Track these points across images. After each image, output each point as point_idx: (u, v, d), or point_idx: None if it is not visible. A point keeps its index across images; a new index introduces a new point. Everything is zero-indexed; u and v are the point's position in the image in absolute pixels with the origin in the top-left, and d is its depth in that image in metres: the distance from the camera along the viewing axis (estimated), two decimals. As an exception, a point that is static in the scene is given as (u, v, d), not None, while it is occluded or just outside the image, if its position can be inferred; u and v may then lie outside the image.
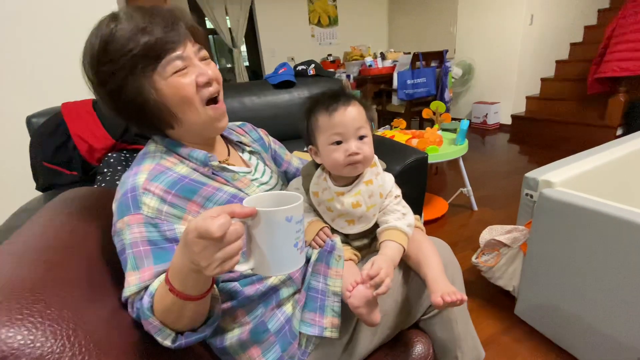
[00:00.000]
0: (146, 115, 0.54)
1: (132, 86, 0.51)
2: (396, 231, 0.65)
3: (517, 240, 1.12)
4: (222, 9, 4.42)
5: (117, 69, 0.50)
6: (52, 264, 0.46)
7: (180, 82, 0.52)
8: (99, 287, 0.49)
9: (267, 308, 0.61)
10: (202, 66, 0.54)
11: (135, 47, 0.48)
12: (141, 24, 0.49)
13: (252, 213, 0.40)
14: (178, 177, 0.56)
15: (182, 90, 0.53)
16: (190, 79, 0.53)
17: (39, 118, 1.26)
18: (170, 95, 0.53)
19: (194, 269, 0.40)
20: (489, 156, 3.04)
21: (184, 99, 0.53)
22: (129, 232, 0.50)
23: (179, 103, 0.54)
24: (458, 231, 1.82)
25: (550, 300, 1.05)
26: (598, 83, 2.93)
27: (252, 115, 1.48)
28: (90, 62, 0.51)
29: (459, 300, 0.54)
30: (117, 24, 0.49)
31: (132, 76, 0.50)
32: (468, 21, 3.96)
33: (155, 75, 0.51)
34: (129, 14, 0.50)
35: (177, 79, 0.52)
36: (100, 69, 0.50)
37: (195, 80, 0.53)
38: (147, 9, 0.51)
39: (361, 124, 0.63)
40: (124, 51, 0.48)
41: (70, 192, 0.68)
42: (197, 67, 0.54)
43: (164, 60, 0.51)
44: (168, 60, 0.51)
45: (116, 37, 0.48)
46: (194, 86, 0.53)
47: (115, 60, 0.49)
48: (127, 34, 0.48)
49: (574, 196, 0.94)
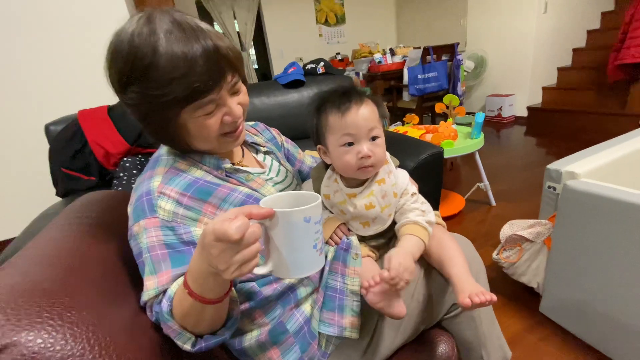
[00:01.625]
0: (161, 135, 0.55)
1: (157, 114, 0.51)
2: (415, 225, 0.62)
3: (541, 235, 1.08)
4: (230, 13, 4.46)
5: (144, 101, 0.49)
6: (71, 267, 0.46)
7: (206, 122, 0.52)
8: (117, 290, 0.49)
9: (286, 308, 0.60)
10: (232, 105, 0.54)
11: (169, 94, 0.47)
12: (181, 69, 0.46)
13: (269, 214, 0.39)
14: (193, 180, 0.56)
15: (206, 130, 0.53)
16: (217, 118, 0.53)
17: (56, 125, 1.29)
18: (192, 130, 0.53)
19: (212, 272, 0.40)
20: (505, 150, 2.96)
21: (206, 136, 0.54)
22: (145, 236, 0.50)
23: (197, 136, 0.54)
24: (476, 227, 1.78)
25: (577, 296, 1.01)
26: (619, 70, 2.81)
27: (262, 115, 1.47)
28: (119, 78, 0.49)
29: (488, 300, 0.51)
30: (156, 58, 0.46)
31: (159, 111, 0.50)
32: (478, 13, 3.87)
33: (183, 112, 0.51)
34: (170, 51, 0.46)
35: (204, 119, 0.52)
36: (129, 89, 0.49)
37: (221, 119, 0.54)
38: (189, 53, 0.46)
39: (374, 124, 0.60)
40: (162, 92, 0.47)
41: (87, 196, 0.68)
42: (227, 106, 0.53)
43: (195, 103, 0.50)
44: (200, 104, 0.50)
45: (152, 73, 0.46)
46: (218, 124, 0.54)
47: (145, 93, 0.48)
48: (166, 76, 0.46)
49: (601, 187, 0.90)
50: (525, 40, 3.49)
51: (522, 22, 3.46)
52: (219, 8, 4.37)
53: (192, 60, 0.47)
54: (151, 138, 0.57)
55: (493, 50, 3.80)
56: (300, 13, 4.71)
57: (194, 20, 0.50)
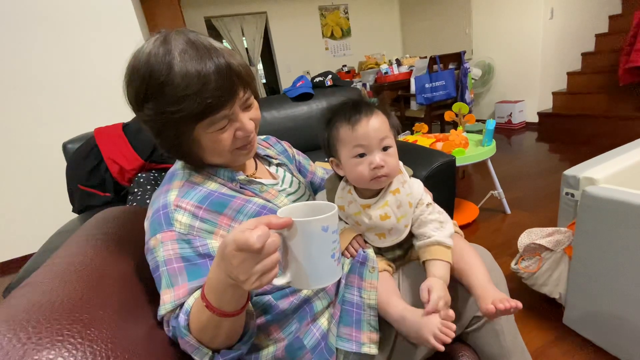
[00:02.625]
0: (176, 150, 0.56)
1: (171, 130, 0.52)
2: (440, 247, 0.61)
3: (561, 243, 1.05)
4: (238, 30, 4.58)
5: (159, 119, 0.50)
6: (90, 283, 0.46)
7: (219, 137, 0.53)
8: (135, 306, 0.49)
9: (302, 323, 0.59)
10: (244, 120, 0.54)
11: (183, 110, 0.48)
12: (195, 86, 0.47)
13: (288, 224, 0.39)
14: (208, 192, 0.56)
15: (219, 144, 0.54)
16: (229, 133, 0.54)
17: (74, 144, 1.33)
18: (205, 145, 0.54)
19: (231, 284, 0.40)
20: (517, 156, 2.91)
21: (219, 150, 0.55)
22: (162, 249, 0.50)
23: (211, 152, 0.56)
24: (492, 236, 1.74)
25: (603, 306, 0.97)
26: (630, 73, 2.77)
27: (272, 128, 1.49)
28: (136, 95, 0.50)
29: (512, 307, 0.50)
30: (171, 75, 0.47)
31: (173, 124, 0.51)
32: (483, 21, 3.89)
33: (197, 128, 0.52)
34: (184, 69, 0.47)
35: (217, 134, 0.53)
36: (145, 105, 0.50)
37: (234, 134, 0.54)
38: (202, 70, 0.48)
39: (385, 134, 0.60)
40: (176, 109, 0.48)
41: (104, 212, 0.69)
42: (239, 122, 0.54)
43: (208, 119, 0.51)
44: (213, 120, 0.51)
45: (167, 90, 0.48)
46: (231, 139, 0.54)
47: (159, 111, 0.49)
48: (180, 92, 0.47)
49: (622, 192, 0.87)
50: (532, 46, 3.47)
51: (529, 29, 3.45)
52: (227, 26, 4.50)
53: (206, 77, 0.48)
54: (166, 153, 0.58)
55: (500, 57, 3.79)
56: (307, 28, 4.81)
57: (207, 39, 0.52)
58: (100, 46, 1.97)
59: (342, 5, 4.94)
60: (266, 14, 4.59)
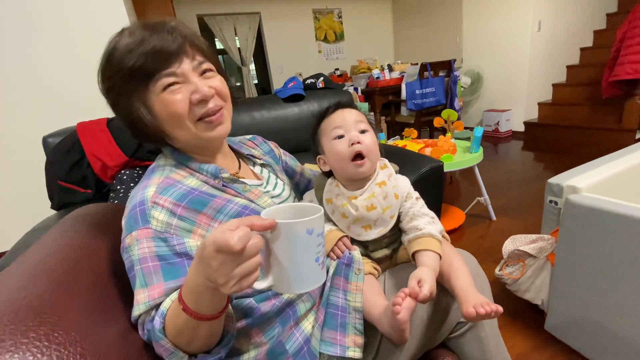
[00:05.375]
0: (139, 130, 0.54)
1: (124, 103, 0.52)
2: (432, 239, 0.62)
3: (544, 250, 1.06)
4: (231, 29, 4.55)
5: (112, 86, 0.51)
6: (61, 284, 0.44)
7: (171, 99, 0.50)
8: (109, 308, 0.47)
9: (285, 327, 0.57)
10: (198, 83, 0.52)
11: (127, 64, 0.48)
12: (138, 40, 0.48)
13: (271, 225, 0.38)
14: (188, 190, 0.55)
15: (171, 106, 0.50)
16: (183, 96, 0.51)
17: (55, 138, 1.28)
18: (160, 112, 0.52)
19: (210, 287, 0.38)
20: (504, 164, 2.97)
21: (173, 115, 0.51)
22: (137, 248, 0.49)
23: (167, 119, 0.52)
24: (477, 242, 1.76)
25: (584, 314, 0.98)
26: (613, 86, 2.86)
27: (262, 129, 1.47)
28: (98, 74, 0.52)
29: (493, 311, 0.50)
30: (120, 39, 0.49)
31: (124, 94, 0.51)
32: (473, 30, 3.97)
33: (148, 92, 0.51)
34: (132, 29, 0.50)
35: (168, 95, 0.50)
36: (103, 85, 0.52)
37: (189, 98, 0.51)
38: (150, 24, 0.50)
39: (361, 119, 0.67)
40: (118, 68, 0.49)
41: (81, 210, 0.67)
42: (193, 84, 0.51)
43: (152, 80, 0.50)
44: (158, 77, 0.50)
45: (114, 53, 0.49)
46: (186, 103, 0.51)
47: (111, 77, 0.50)
48: (124, 49, 0.48)
49: (604, 201, 0.89)
50: (520, 57, 3.56)
51: (517, 40, 3.54)
52: (220, 24, 4.46)
53: (147, 35, 0.49)
54: (140, 139, 0.57)
55: (489, 67, 3.87)
56: (300, 30, 4.81)
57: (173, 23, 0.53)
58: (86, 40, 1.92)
59: (336, 9, 4.96)
60: (260, 15, 4.57)
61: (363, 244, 0.71)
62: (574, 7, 3.54)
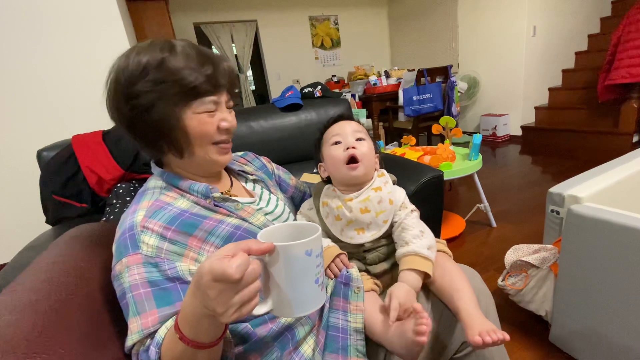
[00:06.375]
0: (164, 137, 0.54)
1: (162, 108, 0.52)
2: (416, 258, 0.62)
3: (547, 261, 1.05)
4: (228, 37, 4.56)
5: (156, 89, 0.50)
6: (51, 317, 0.42)
7: (206, 120, 0.55)
8: (102, 337, 0.45)
9: (284, 352, 0.56)
10: (227, 114, 0.58)
11: (188, 78, 0.51)
12: (194, 64, 0.52)
13: (269, 249, 0.37)
14: (178, 212, 0.54)
15: (206, 126, 0.55)
16: (215, 120, 0.56)
17: (49, 151, 1.26)
18: (193, 127, 0.54)
19: (208, 314, 0.37)
20: (502, 169, 2.97)
21: (204, 134, 0.55)
22: (128, 275, 0.47)
23: (197, 135, 0.55)
24: (478, 249, 1.74)
25: (589, 325, 0.97)
26: (608, 90, 2.88)
27: (260, 138, 1.46)
28: (132, 74, 0.50)
29: (500, 340, 0.49)
30: (173, 55, 0.51)
31: (164, 101, 0.51)
32: (469, 36, 4.00)
33: (186, 108, 0.53)
34: (186, 50, 0.53)
35: (205, 116, 0.55)
36: (139, 82, 0.50)
37: (218, 124, 0.56)
38: (203, 51, 0.55)
39: (359, 129, 0.72)
40: (175, 78, 0.51)
41: (75, 230, 0.65)
42: (224, 114, 0.58)
43: (199, 99, 0.53)
44: (204, 101, 0.54)
45: (169, 63, 0.51)
46: (215, 127, 0.56)
47: (158, 81, 0.50)
48: (180, 65, 0.51)
49: (606, 212, 0.88)
50: (515, 62, 3.58)
51: (512, 46, 3.57)
52: (217, 32, 4.47)
53: (204, 57, 0.54)
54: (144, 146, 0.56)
55: (485, 71, 3.89)
56: (297, 37, 4.83)
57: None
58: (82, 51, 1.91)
59: (332, 16, 4.99)
60: (256, 22, 4.59)
61: (360, 259, 0.70)
62: (568, 11, 3.57)
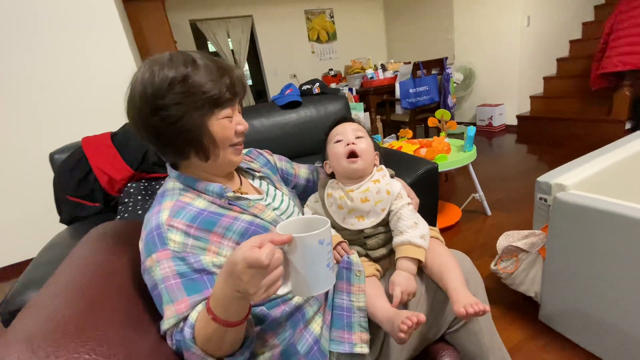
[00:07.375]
0: (192, 144, 0.60)
1: (191, 119, 0.58)
2: (410, 246, 0.69)
3: (535, 245, 1.12)
4: (224, 33, 4.56)
5: (184, 101, 0.56)
6: (95, 301, 0.49)
7: (228, 125, 0.62)
8: (139, 322, 0.52)
9: (296, 330, 0.63)
10: (240, 117, 0.65)
11: (208, 92, 0.57)
12: (214, 76, 0.58)
13: (289, 240, 0.44)
14: (198, 211, 0.60)
15: (227, 130, 0.62)
16: (233, 124, 0.63)
17: (61, 154, 1.32)
18: (216, 132, 0.61)
19: (237, 297, 0.44)
20: (498, 158, 3.03)
21: (226, 137, 0.62)
22: (159, 268, 0.53)
23: (220, 139, 0.61)
24: (474, 237, 1.82)
25: (575, 304, 1.04)
26: (601, 79, 2.93)
27: (261, 136, 1.52)
28: (160, 87, 0.55)
29: (481, 310, 0.55)
30: (196, 69, 0.57)
31: (192, 111, 0.57)
32: (465, 27, 4.02)
33: (213, 114, 0.60)
34: (206, 64, 0.59)
35: (226, 122, 0.62)
36: (168, 95, 0.55)
37: (235, 127, 0.63)
38: (219, 63, 0.61)
39: (359, 129, 0.80)
40: (196, 90, 0.56)
41: (102, 227, 0.71)
42: (238, 118, 0.65)
43: (221, 107, 0.60)
44: (226, 106, 0.61)
45: (194, 77, 0.57)
46: (233, 130, 0.63)
47: (186, 94, 0.56)
48: (204, 79, 0.57)
49: (589, 199, 0.95)
50: (510, 51, 3.62)
51: (507, 35, 3.59)
52: (213, 29, 4.48)
53: (222, 69, 0.60)
54: (164, 152, 0.62)
55: (480, 62, 3.92)
56: (293, 31, 4.84)
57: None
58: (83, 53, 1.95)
59: (328, 9, 4.99)
60: (252, 18, 4.59)
61: (361, 244, 0.76)
62: (561, 0, 3.59)
